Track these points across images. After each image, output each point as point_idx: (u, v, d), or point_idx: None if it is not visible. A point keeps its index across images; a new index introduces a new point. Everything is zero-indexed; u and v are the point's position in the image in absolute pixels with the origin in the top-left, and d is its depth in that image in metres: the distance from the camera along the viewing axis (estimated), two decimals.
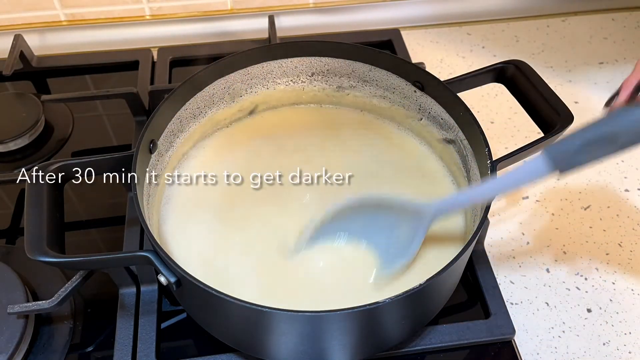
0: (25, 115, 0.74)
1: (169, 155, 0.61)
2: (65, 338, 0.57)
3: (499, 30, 0.90)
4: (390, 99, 0.66)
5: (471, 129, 0.57)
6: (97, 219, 0.68)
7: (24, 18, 0.85)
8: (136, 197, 0.50)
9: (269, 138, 0.67)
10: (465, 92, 0.61)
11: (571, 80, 0.82)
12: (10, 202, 0.69)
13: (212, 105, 0.65)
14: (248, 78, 0.66)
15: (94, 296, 0.60)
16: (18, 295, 0.56)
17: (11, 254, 0.62)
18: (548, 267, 0.63)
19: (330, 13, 0.89)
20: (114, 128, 0.78)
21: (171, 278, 0.47)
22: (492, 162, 0.53)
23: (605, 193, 0.69)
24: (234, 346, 0.54)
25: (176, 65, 0.84)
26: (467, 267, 0.60)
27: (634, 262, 0.63)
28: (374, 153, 0.66)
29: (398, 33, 0.87)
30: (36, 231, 0.48)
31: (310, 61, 0.66)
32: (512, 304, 0.60)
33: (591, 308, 0.60)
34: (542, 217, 0.67)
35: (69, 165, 0.53)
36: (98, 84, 0.83)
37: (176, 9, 0.87)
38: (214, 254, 0.57)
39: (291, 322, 0.46)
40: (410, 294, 0.44)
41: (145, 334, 0.56)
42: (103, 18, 0.86)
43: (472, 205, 0.56)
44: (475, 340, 0.56)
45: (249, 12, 0.88)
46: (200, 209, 0.60)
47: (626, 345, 0.57)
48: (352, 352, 0.52)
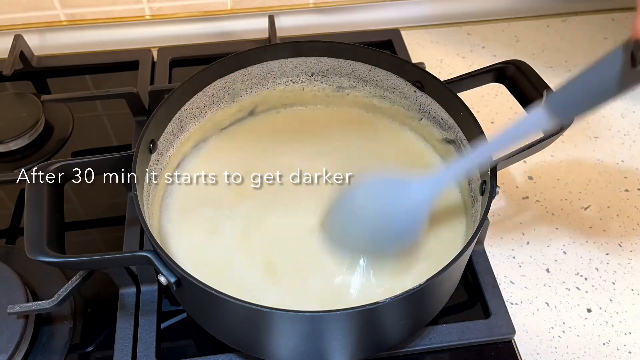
0: (25, 115, 0.74)
1: (169, 155, 0.61)
2: (65, 338, 0.57)
3: (499, 30, 0.90)
4: (390, 99, 0.66)
5: (471, 129, 0.57)
6: (97, 219, 0.68)
7: (24, 18, 0.85)
8: (136, 197, 0.50)
9: (269, 138, 0.67)
10: (465, 92, 0.61)
11: None
12: (10, 202, 0.69)
13: (212, 105, 0.65)
14: (248, 78, 0.66)
15: (94, 296, 0.60)
16: (18, 295, 0.56)
17: (11, 254, 0.62)
18: (548, 267, 0.63)
19: (330, 13, 0.89)
20: (114, 128, 0.78)
21: (171, 278, 0.47)
22: (492, 162, 0.53)
23: (605, 193, 0.69)
24: (234, 346, 0.54)
25: (176, 65, 0.84)
26: (467, 267, 0.60)
27: (634, 262, 0.63)
28: (374, 153, 0.66)
29: (398, 33, 0.87)
30: (36, 231, 0.48)
31: (310, 61, 0.66)
32: (512, 304, 0.60)
33: (591, 308, 0.60)
34: (542, 217, 0.67)
35: (69, 165, 0.53)
36: (98, 84, 0.83)
37: (176, 9, 0.87)
38: (214, 253, 0.57)
39: (291, 322, 0.46)
40: (410, 294, 0.44)
41: (145, 334, 0.56)
42: (103, 18, 0.86)
43: (481, 166, 0.53)
44: (475, 340, 0.56)
45: (249, 12, 0.88)
46: (201, 209, 0.60)
47: (626, 345, 0.57)
48: (352, 352, 0.52)
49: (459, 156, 0.61)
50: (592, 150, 0.73)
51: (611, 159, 0.72)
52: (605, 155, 0.73)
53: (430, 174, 0.53)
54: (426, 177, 0.53)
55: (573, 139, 0.74)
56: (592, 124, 0.76)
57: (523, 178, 0.70)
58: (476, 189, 0.56)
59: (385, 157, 0.65)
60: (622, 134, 0.75)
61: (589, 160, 0.72)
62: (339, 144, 0.67)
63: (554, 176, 0.70)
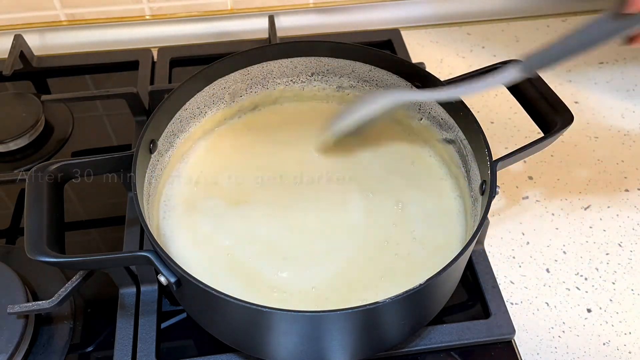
0: (25, 115, 0.74)
1: (169, 155, 0.61)
2: (65, 338, 0.57)
3: (499, 30, 0.90)
4: None
5: (471, 129, 0.57)
6: (97, 219, 0.68)
7: (24, 18, 0.85)
8: (136, 197, 0.50)
9: (269, 138, 0.67)
10: None
11: (571, 80, 0.82)
12: (10, 202, 0.69)
13: (212, 105, 0.65)
14: (248, 78, 0.66)
15: (94, 296, 0.60)
16: (18, 295, 0.56)
17: (11, 254, 0.62)
18: (548, 267, 0.63)
19: (330, 13, 0.89)
20: (114, 128, 0.78)
21: (171, 278, 0.47)
22: (492, 162, 0.53)
23: (605, 193, 0.69)
24: (234, 346, 0.54)
25: (176, 65, 0.84)
26: (467, 267, 0.60)
27: (634, 262, 0.63)
28: (374, 153, 0.66)
29: (398, 33, 0.87)
30: (36, 231, 0.48)
31: (310, 61, 0.66)
32: (512, 304, 0.60)
33: (591, 308, 0.60)
34: (542, 217, 0.67)
35: (69, 165, 0.53)
36: (98, 84, 0.83)
37: (176, 9, 0.87)
38: (214, 253, 0.57)
39: (291, 322, 0.46)
40: (410, 294, 0.44)
41: (145, 334, 0.56)
42: (103, 18, 0.86)
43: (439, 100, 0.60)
44: (475, 340, 0.56)
45: (249, 12, 0.88)
46: (201, 209, 0.60)
47: (626, 345, 0.57)
48: (352, 352, 0.52)
49: (457, 155, 0.61)
50: (592, 150, 0.73)
51: (611, 159, 0.72)
52: (605, 155, 0.73)
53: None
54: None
55: (573, 139, 0.74)
56: (592, 124, 0.76)
57: (523, 178, 0.70)
58: (476, 189, 0.56)
59: (385, 157, 0.65)
60: (622, 134, 0.75)
61: (589, 160, 0.72)
62: (339, 143, 0.67)
63: (554, 176, 0.70)
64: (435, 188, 0.63)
